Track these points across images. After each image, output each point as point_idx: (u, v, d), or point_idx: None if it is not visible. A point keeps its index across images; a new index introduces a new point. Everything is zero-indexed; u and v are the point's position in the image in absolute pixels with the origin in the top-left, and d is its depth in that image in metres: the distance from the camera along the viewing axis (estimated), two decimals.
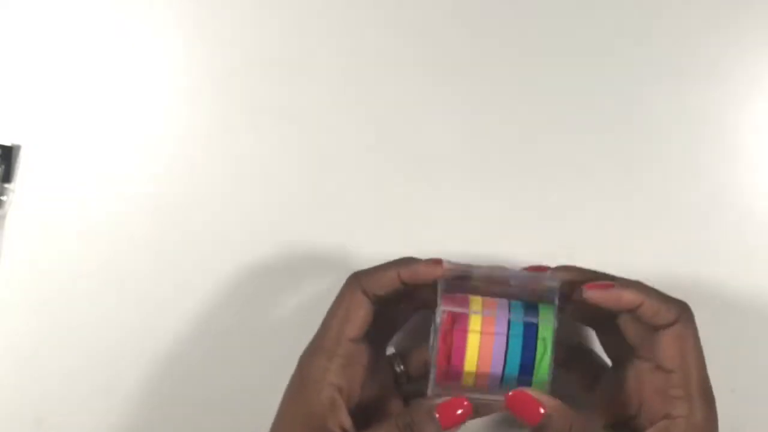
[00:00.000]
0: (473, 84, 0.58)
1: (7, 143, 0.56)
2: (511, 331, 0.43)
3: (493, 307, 0.44)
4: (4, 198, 0.56)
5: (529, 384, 0.43)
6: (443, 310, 0.43)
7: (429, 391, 0.44)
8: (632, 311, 0.44)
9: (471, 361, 0.43)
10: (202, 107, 0.58)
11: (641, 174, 0.58)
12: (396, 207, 0.57)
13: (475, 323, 0.43)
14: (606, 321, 0.47)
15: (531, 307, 0.44)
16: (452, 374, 0.43)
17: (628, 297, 0.44)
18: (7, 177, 0.56)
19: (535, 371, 0.43)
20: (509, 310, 0.44)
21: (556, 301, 0.44)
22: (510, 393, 0.42)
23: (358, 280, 0.46)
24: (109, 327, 0.56)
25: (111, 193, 0.57)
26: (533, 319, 0.43)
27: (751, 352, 0.57)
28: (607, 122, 0.58)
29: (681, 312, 0.44)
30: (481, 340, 0.43)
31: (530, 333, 0.43)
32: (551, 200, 0.58)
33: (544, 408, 0.42)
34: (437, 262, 0.46)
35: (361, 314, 0.46)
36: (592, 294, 0.44)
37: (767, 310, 0.57)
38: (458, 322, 0.43)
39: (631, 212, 0.58)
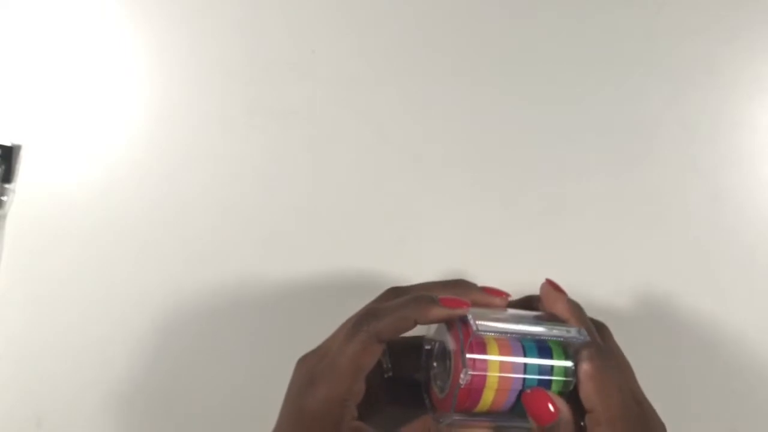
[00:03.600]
0: (473, 85, 0.58)
1: (7, 143, 0.56)
2: (525, 384, 0.44)
3: (509, 369, 0.44)
4: (4, 198, 0.56)
5: None
6: (469, 374, 0.43)
7: (442, 421, 0.45)
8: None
9: (484, 404, 0.44)
10: (203, 108, 0.58)
11: (641, 174, 0.58)
12: (395, 207, 0.58)
13: (492, 382, 0.43)
14: None
15: (546, 360, 0.45)
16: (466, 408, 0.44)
17: (559, 308, 0.47)
18: (7, 177, 0.56)
19: None
20: (525, 372, 0.44)
21: (572, 363, 0.44)
22: (528, 390, 0.43)
23: (374, 328, 0.44)
24: (109, 327, 0.56)
25: (111, 193, 0.57)
26: (548, 377, 0.44)
27: (751, 352, 0.57)
28: (606, 122, 0.58)
29: (586, 352, 0.44)
30: (495, 395, 0.44)
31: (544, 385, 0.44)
32: (550, 200, 0.58)
33: (556, 409, 0.43)
34: (459, 303, 0.45)
35: (373, 361, 0.44)
36: (546, 286, 0.48)
37: (767, 310, 0.57)
38: (476, 381, 0.43)
39: (630, 212, 0.58)
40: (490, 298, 0.48)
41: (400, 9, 0.58)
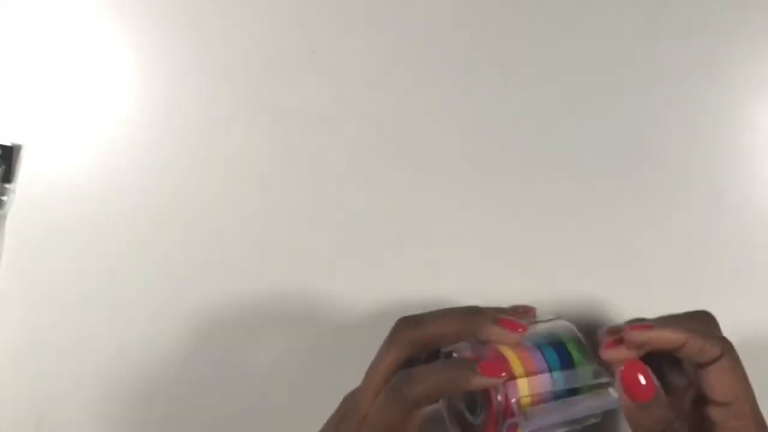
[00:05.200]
0: (473, 85, 0.58)
1: (8, 143, 0.56)
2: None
3: (533, 369, 0.44)
4: (4, 198, 0.56)
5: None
6: (503, 395, 0.43)
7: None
8: (675, 351, 0.44)
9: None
10: (203, 107, 0.58)
11: (641, 174, 0.58)
12: (395, 207, 0.57)
13: (523, 389, 0.44)
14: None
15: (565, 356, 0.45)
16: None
17: (672, 337, 0.44)
18: (7, 177, 0.56)
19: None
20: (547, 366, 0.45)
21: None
22: (625, 364, 0.42)
23: (409, 393, 0.42)
24: (109, 327, 0.56)
25: (111, 193, 0.57)
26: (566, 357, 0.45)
27: (752, 352, 0.57)
28: (606, 122, 0.58)
29: (724, 346, 0.44)
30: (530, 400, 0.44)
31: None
32: (549, 201, 0.58)
33: (652, 384, 0.41)
34: (498, 371, 0.43)
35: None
36: (635, 335, 0.43)
37: (767, 310, 0.57)
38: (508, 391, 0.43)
39: (630, 212, 0.58)
40: (506, 334, 0.45)
41: (401, 9, 0.58)
